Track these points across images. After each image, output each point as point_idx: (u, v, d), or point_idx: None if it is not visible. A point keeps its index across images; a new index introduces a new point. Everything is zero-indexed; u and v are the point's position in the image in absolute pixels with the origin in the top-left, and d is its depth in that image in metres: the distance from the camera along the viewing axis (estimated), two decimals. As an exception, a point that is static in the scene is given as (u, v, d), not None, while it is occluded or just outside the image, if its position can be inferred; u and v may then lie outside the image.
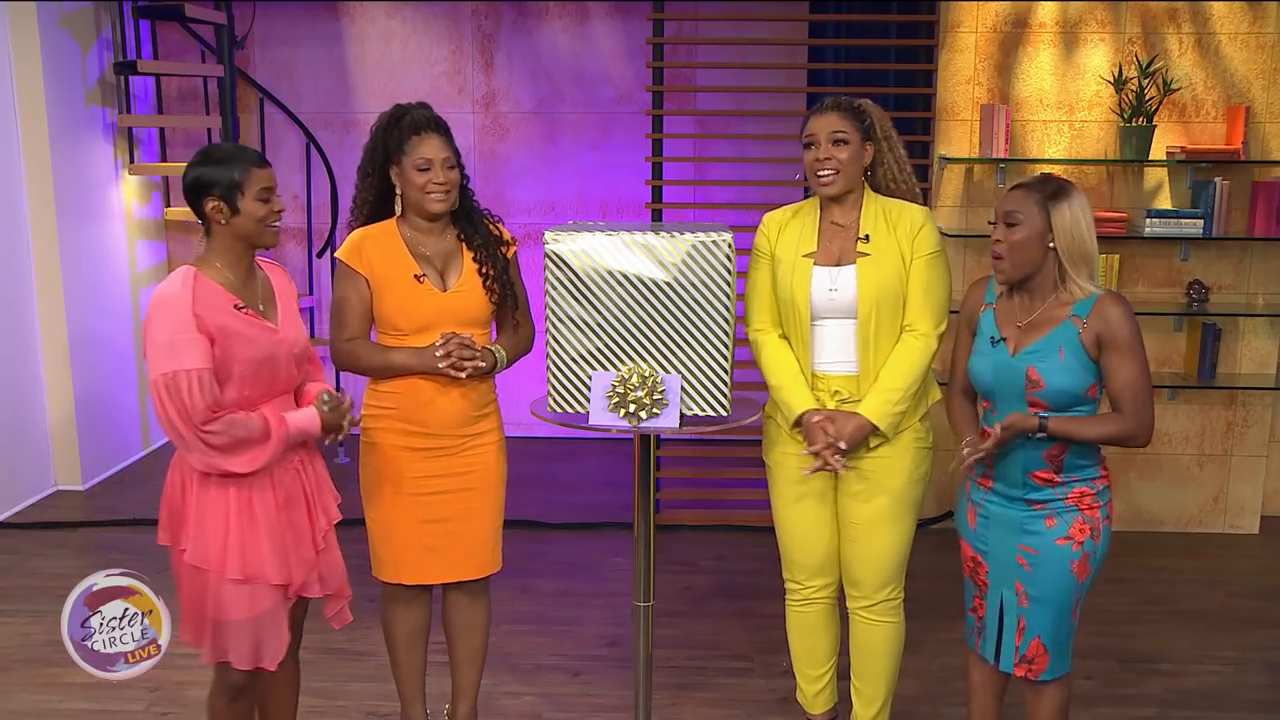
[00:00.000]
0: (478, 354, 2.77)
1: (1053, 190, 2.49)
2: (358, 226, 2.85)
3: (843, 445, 2.73)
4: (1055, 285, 2.50)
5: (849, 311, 2.77)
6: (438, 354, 2.73)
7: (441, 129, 2.82)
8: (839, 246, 2.80)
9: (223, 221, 2.43)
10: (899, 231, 2.77)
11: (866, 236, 2.77)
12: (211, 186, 2.41)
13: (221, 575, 2.42)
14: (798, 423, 2.81)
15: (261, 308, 2.51)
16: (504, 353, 2.85)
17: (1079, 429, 2.46)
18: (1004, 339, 2.55)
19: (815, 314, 2.81)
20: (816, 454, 2.74)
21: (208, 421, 2.35)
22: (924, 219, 2.79)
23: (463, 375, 2.75)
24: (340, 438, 2.60)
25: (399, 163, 2.77)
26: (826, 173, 2.76)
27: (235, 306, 2.43)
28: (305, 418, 2.53)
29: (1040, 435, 2.46)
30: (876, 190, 2.86)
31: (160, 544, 2.52)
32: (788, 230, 2.86)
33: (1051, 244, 2.47)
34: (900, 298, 2.77)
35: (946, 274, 2.83)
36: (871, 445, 2.80)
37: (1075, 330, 2.46)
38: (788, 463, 2.90)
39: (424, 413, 2.80)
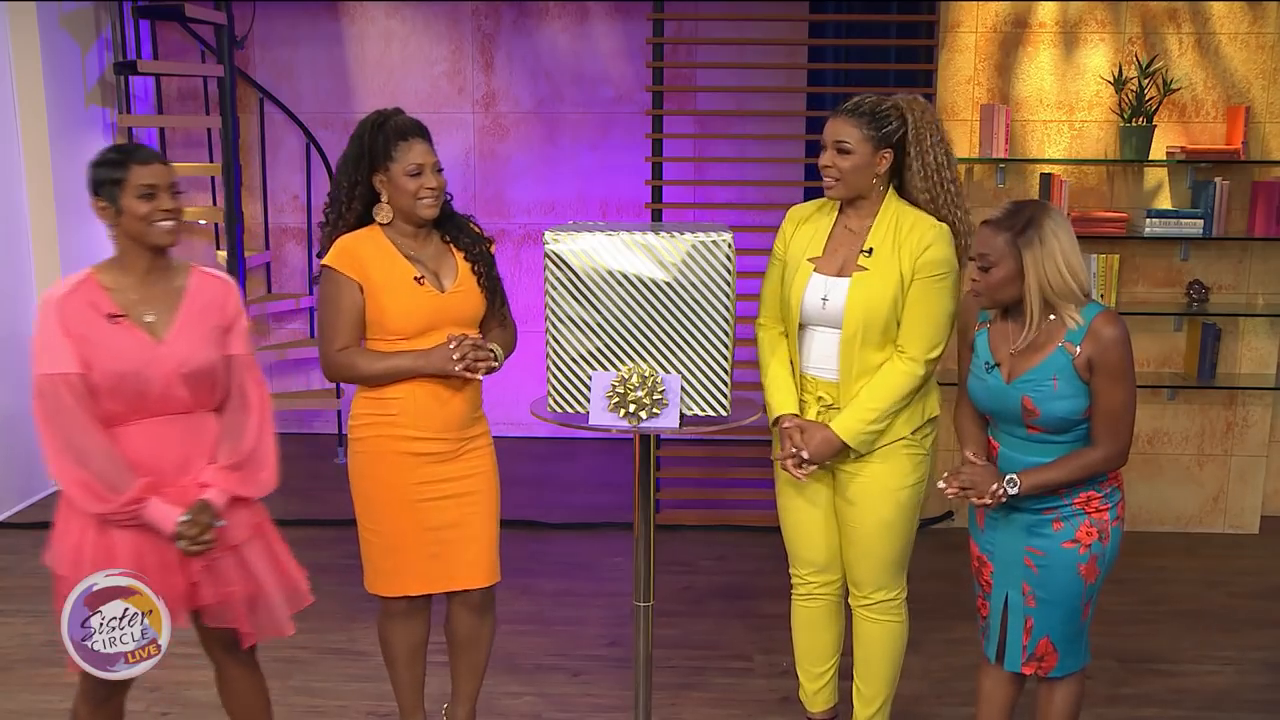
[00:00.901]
0: (491, 354, 2.75)
1: (1023, 224, 2.40)
2: (339, 234, 2.77)
3: (805, 455, 2.74)
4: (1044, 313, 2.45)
5: (838, 323, 2.74)
6: (454, 357, 2.68)
7: (426, 134, 2.76)
8: (844, 255, 2.77)
9: (111, 223, 2.37)
10: (904, 249, 2.68)
11: (870, 250, 2.72)
12: (96, 188, 2.36)
13: (68, 585, 2.33)
14: (775, 423, 2.85)
15: (150, 319, 2.39)
16: (501, 351, 2.82)
17: (1053, 476, 2.46)
18: (998, 364, 2.52)
19: (805, 319, 2.80)
20: (780, 460, 2.77)
21: (85, 429, 2.29)
22: (934, 238, 2.68)
23: (479, 376, 2.73)
24: (191, 548, 2.37)
25: (386, 169, 2.70)
26: (828, 180, 2.74)
27: (110, 315, 2.34)
28: (164, 515, 2.35)
29: (1016, 493, 2.47)
30: (907, 196, 2.77)
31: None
32: (803, 229, 2.85)
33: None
34: (892, 316, 2.71)
35: (950, 297, 2.72)
36: (852, 457, 2.79)
37: (1069, 357, 2.42)
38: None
39: (429, 416, 2.76)
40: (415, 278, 2.73)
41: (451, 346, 2.70)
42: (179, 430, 2.41)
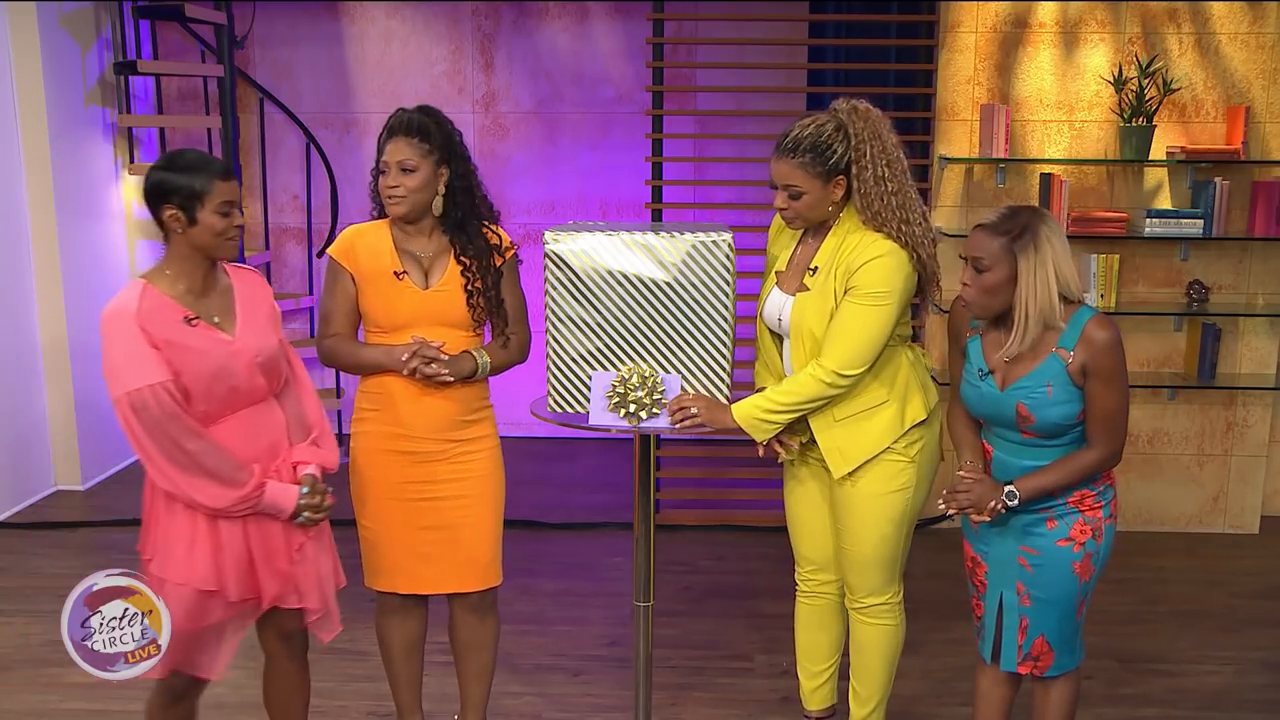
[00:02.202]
0: (444, 364, 2.69)
1: (1019, 230, 2.39)
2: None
3: (694, 410, 2.56)
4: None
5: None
6: (402, 359, 2.68)
7: (413, 131, 2.70)
8: (799, 273, 2.74)
9: (179, 231, 2.38)
10: (840, 268, 2.60)
11: (815, 269, 2.67)
12: (171, 194, 2.36)
13: (183, 586, 2.39)
14: None
15: (217, 319, 2.44)
16: (488, 358, 2.76)
17: (1051, 481, 2.47)
18: (991, 371, 2.52)
19: (770, 330, 2.82)
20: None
21: (192, 432, 2.34)
22: (871, 257, 2.56)
23: (430, 380, 2.70)
24: (315, 517, 2.53)
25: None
26: (786, 218, 2.70)
27: (186, 319, 2.38)
28: (284, 495, 2.47)
29: (1015, 504, 2.48)
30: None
31: (139, 550, 2.51)
32: (780, 239, 2.87)
33: None
34: None
35: (880, 319, 2.58)
36: (805, 439, 2.77)
37: (1062, 363, 2.43)
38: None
39: (407, 415, 2.75)
40: (395, 272, 2.74)
41: (403, 358, 2.69)
42: (261, 418, 2.50)
